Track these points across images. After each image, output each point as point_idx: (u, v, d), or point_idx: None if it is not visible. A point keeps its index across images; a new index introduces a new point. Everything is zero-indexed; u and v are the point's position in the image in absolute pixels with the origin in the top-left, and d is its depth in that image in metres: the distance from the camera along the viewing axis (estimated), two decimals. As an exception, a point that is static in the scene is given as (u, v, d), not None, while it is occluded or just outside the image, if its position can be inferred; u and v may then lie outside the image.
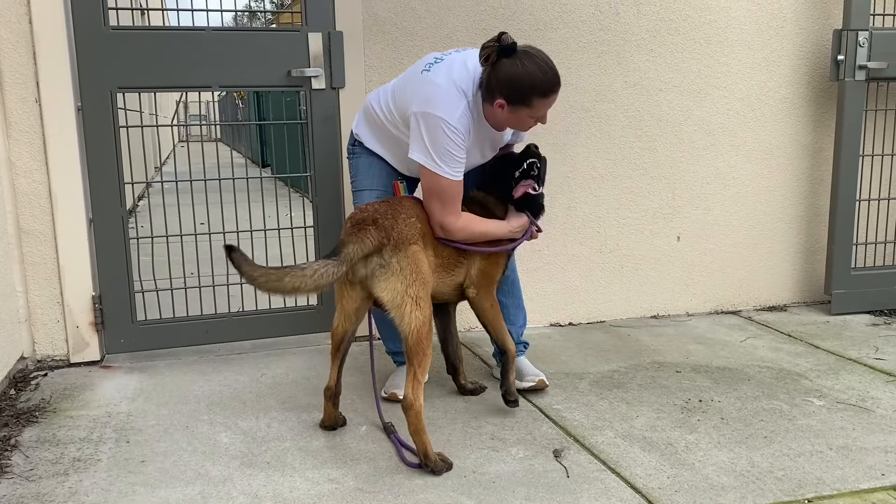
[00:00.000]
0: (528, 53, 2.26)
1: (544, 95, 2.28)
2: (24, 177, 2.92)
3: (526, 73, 2.24)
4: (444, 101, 2.30)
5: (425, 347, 2.16)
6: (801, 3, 3.71)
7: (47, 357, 3.05)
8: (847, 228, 3.72)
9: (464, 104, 2.31)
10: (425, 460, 2.13)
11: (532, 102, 2.28)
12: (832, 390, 2.78)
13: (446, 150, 2.30)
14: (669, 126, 3.63)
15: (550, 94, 2.29)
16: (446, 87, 2.32)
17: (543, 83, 2.26)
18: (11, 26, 2.82)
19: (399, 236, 2.17)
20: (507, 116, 2.33)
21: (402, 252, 2.16)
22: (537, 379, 2.74)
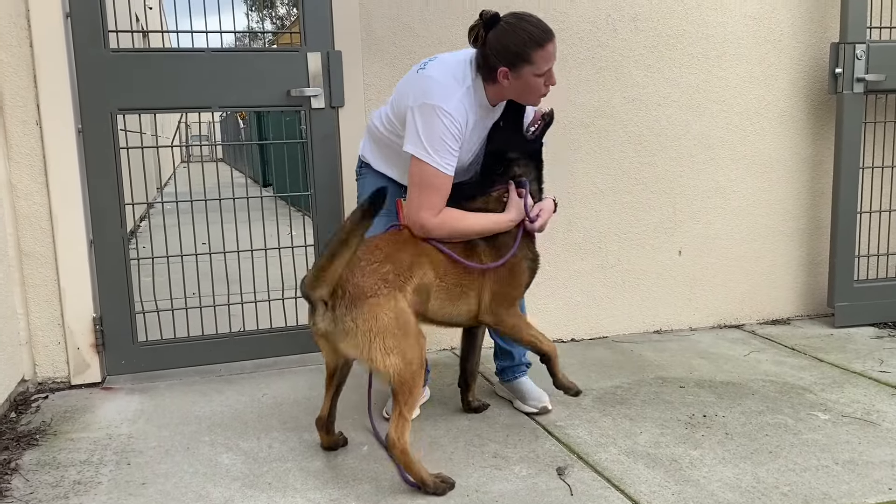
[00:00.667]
0: (512, 15, 2.30)
1: (541, 45, 2.25)
2: (24, 199, 2.93)
3: (516, 31, 2.26)
4: (440, 90, 2.30)
5: (411, 388, 2.08)
6: (798, 17, 3.72)
7: (48, 379, 3.05)
8: (849, 241, 3.71)
9: (461, 92, 2.31)
10: (424, 488, 2.09)
11: (532, 57, 2.26)
12: (837, 404, 2.76)
13: (440, 139, 2.27)
14: (669, 140, 3.64)
15: (547, 44, 2.27)
16: (442, 78, 2.33)
17: (537, 34, 2.25)
18: (12, 50, 2.84)
19: (354, 291, 2.06)
20: (515, 85, 2.31)
21: (357, 309, 2.05)
22: (540, 405, 2.70)
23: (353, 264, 2.09)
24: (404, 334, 2.10)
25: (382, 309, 2.08)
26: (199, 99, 3.09)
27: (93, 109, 2.96)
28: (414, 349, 2.11)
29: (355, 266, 2.10)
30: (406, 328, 2.12)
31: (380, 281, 2.11)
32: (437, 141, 2.27)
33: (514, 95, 2.37)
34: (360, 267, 2.11)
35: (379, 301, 2.08)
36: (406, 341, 2.10)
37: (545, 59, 2.28)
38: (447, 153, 2.29)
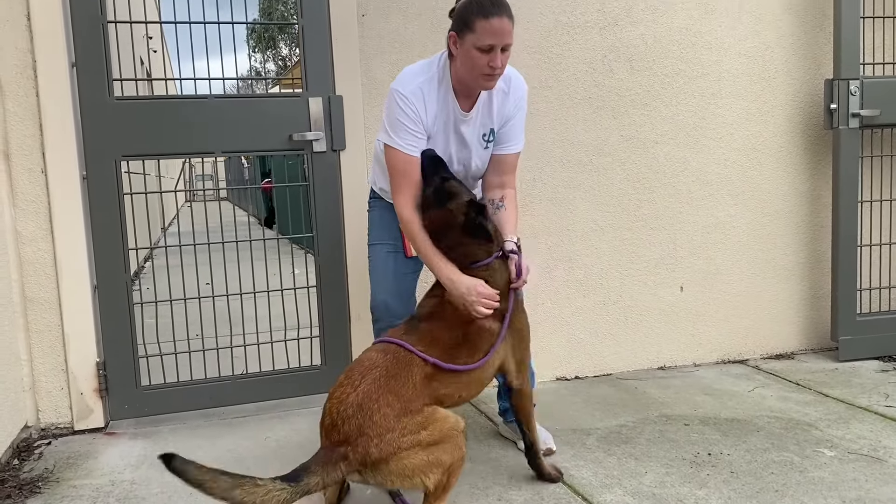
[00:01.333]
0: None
1: (485, 17, 2.23)
2: (29, 245, 2.95)
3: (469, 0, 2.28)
4: (402, 78, 2.42)
5: (446, 489, 2.06)
6: (792, 55, 3.78)
7: (51, 425, 3.04)
8: (850, 274, 3.72)
9: (421, 79, 2.39)
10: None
11: (474, 25, 2.24)
12: (843, 440, 2.74)
13: (398, 120, 2.36)
14: (667, 177, 3.67)
15: (492, 17, 2.23)
16: (409, 70, 2.45)
17: (485, 4, 2.24)
18: (19, 100, 2.89)
19: (375, 459, 1.95)
20: (461, 57, 2.31)
21: (385, 469, 1.96)
22: (545, 447, 2.67)
23: (361, 422, 1.98)
24: (435, 447, 2.03)
25: (412, 456, 1.99)
26: (202, 144, 3.13)
27: (97, 156, 3.00)
28: (454, 451, 2.06)
29: (363, 424, 1.98)
30: (432, 440, 2.03)
31: (396, 424, 1.99)
32: (396, 123, 2.37)
33: (463, 72, 2.36)
34: (368, 423, 1.98)
35: (405, 454, 1.98)
36: (440, 452, 2.03)
37: (488, 31, 2.23)
38: (407, 134, 2.36)
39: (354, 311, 3.32)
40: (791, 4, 3.75)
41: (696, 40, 3.65)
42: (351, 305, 3.32)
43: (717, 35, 3.68)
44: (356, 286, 3.32)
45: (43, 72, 2.88)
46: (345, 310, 3.31)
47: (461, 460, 2.08)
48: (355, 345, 3.33)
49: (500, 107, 2.49)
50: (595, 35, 3.51)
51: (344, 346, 3.32)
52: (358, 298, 3.32)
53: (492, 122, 2.51)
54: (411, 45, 3.29)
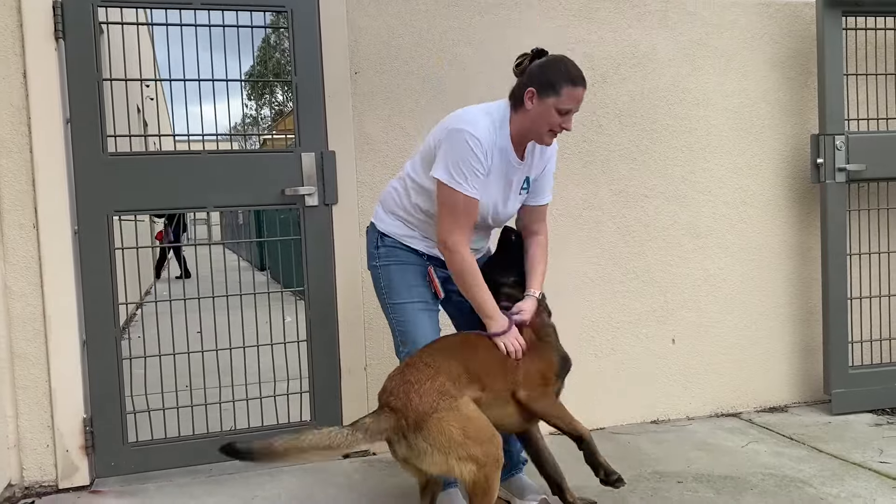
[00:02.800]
0: (557, 55, 2.44)
1: (573, 84, 2.36)
2: (19, 300, 2.94)
3: (557, 64, 2.40)
4: (469, 118, 2.43)
5: (485, 489, 2.15)
6: (778, 110, 3.84)
7: (35, 483, 2.99)
8: (841, 327, 3.73)
9: (490, 119, 2.43)
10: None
11: (560, 90, 2.35)
12: (838, 499, 2.72)
13: (468, 162, 2.36)
14: (657, 231, 3.70)
15: (578, 86, 2.37)
16: (473, 110, 2.48)
17: (574, 73, 2.37)
18: (13, 156, 2.91)
19: (416, 416, 2.13)
20: (535, 111, 2.38)
21: (425, 430, 2.12)
22: (539, 498, 2.67)
23: (407, 391, 2.16)
24: (476, 439, 2.15)
25: (448, 422, 2.13)
26: (195, 199, 3.15)
27: (89, 212, 3.01)
28: (488, 450, 2.16)
29: (409, 392, 2.16)
30: (477, 432, 2.17)
31: (437, 395, 2.16)
32: (466, 164, 2.36)
33: (529, 124, 2.43)
34: (413, 389, 2.16)
35: (441, 415, 2.13)
36: (479, 446, 2.15)
37: (572, 97, 2.38)
38: (474, 176, 2.38)
39: (345, 366, 3.30)
40: (776, 61, 3.83)
41: (684, 96, 3.72)
42: (342, 360, 3.30)
43: (705, 91, 3.74)
44: (347, 341, 3.31)
45: (37, 128, 2.91)
46: (335, 364, 3.30)
47: (494, 476, 2.17)
48: (345, 400, 3.30)
49: (538, 158, 2.60)
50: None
51: (334, 401, 3.30)
52: (349, 353, 3.30)
53: (532, 171, 2.60)
54: (403, 101, 3.34)
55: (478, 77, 3.43)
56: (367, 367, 3.33)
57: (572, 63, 2.41)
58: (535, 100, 2.39)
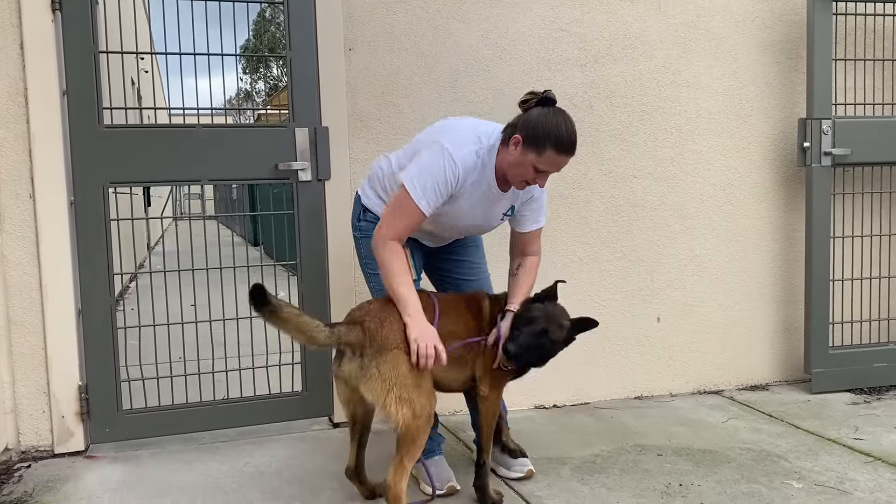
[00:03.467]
0: (563, 112, 2.39)
1: (557, 150, 2.33)
2: (15, 269, 2.99)
3: (553, 123, 2.34)
4: (458, 138, 2.44)
5: (414, 439, 2.26)
6: (767, 94, 3.89)
7: (31, 448, 3.06)
8: (823, 308, 3.81)
9: (474, 147, 2.43)
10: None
11: (544, 151, 2.33)
12: (811, 472, 2.81)
13: (435, 182, 2.38)
14: (645, 211, 3.76)
15: (563, 153, 2.35)
16: (467, 130, 2.48)
17: (562, 138, 2.33)
18: (10, 126, 2.94)
19: (381, 341, 2.28)
20: (516, 157, 2.37)
21: (381, 356, 2.26)
22: (525, 469, 2.77)
23: (383, 318, 2.33)
24: (418, 388, 2.29)
25: (405, 362, 2.29)
26: (189, 172, 3.19)
27: (85, 183, 3.05)
28: (425, 404, 2.29)
29: (384, 320, 2.33)
30: (420, 383, 2.31)
31: (401, 338, 2.31)
32: (431, 181, 2.39)
33: (507, 167, 2.43)
34: (388, 321, 2.33)
35: (401, 354, 2.29)
36: (419, 395, 2.28)
37: (551, 161, 2.35)
38: (436, 196, 2.41)
39: (336, 338, 3.36)
40: (767, 45, 3.88)
41: (675, 78, 3.76)
42: (333, 332, 3.36)
43: (695, 73, 3.79)
44: (338, 314, 3.35)
45: (34, 99, 2.94)
46: (327, 336, 3.36)
47: (424, 430, 2.29)
48: (336, 371, 3.36)
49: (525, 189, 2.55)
50: (576, 72, 3.61)
51: (325, 372, 3.36)
52: (340, 325, 3.36)
53: (516, 201, 2.61)
54: (397, 78, 3.38)
55: (471, 56, 3.46)
56: (357, 340, 3.39)
57: (570, 127, 2.35)
58: (519, 148, 2.37)
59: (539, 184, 2.45)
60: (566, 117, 2.37)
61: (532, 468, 2.77)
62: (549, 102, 2.38)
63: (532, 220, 2.67)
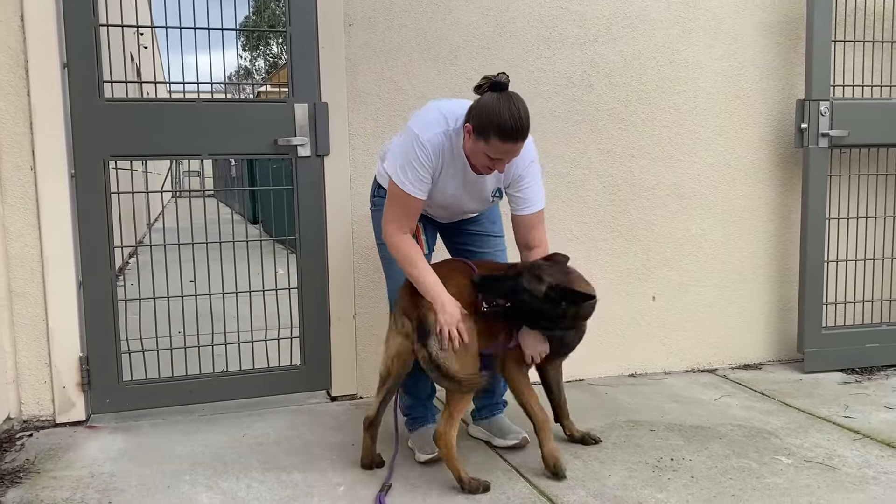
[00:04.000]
0: (511, 97, 2.34)
1: (501, 139, 2.31)
2: (16, 241, 3.02)
3: (496, 110, 2.32)
4: (424, 121, 2.49)
5: (464, 394, 2.45)
6: (765, 75, 3.90)
7: (33, 417, 3.10)
8: (817, 288, 3.84)
9: (441, 129, 2.47)
10: (460, 485, 2.45)
11: (489, 140, 2.33)
12: (801, 448, 2.86)
13: (411, 163, 2.46)
14: (642, 190, 3.78)
15: (507, 141, 2.32)
16: (433, 111, 2.51)
17: (504, 126, 2.30)
18: (10, 98, 2.95)
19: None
20: (471, 146, 2.41)
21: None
22: (521, 437, 2.83)
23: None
24: (468, 348, 2.45)
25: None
26: (189, 146, 3.21)
27: (86, 156, 3.07)
28: (473, 364, 2.48)
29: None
30: (472, 344, 2.47)
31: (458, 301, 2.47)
32: (409, 165, 2.47)
33: (468, 152, 2.47)
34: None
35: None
36: (469, 354, 2.45)
37: (497, 149, 2.35)
38: (416, 177, 2.47)
39: (335, 314, 3.40)
40: (766, 26, 3.88)
41: (674, 58, 3.77)
42: (332, 307, 3.40)
43: (695, 53, 3.80)
44: (337, 289, 3.40)
45: (35, 71, 2.95)
46: (325, 312, 3.40)
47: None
48: (335, 346, 3.41)
49: (507, 169, 2.55)
50: (576, 51, 3.62)
51: (323, 347, 3.41)
52: (338, 301, 3.40)
53: (499, 182, 2.62)
54: (397, 55, 3.38)
55: (471, 33, 3.47)
56: (355, 315, 3.43)
57: (516, 113, 2.31)
58: (471, 136, 2.39)
59: (498, 169, 2.45)
60: (514, 102, 2.33)
61: (527, 436, 2.82)
62: (499, 87, 2.36)
63: (525, 202, 2.64)
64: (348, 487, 2.51)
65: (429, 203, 2.63)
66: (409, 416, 2.87)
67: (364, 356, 3.45)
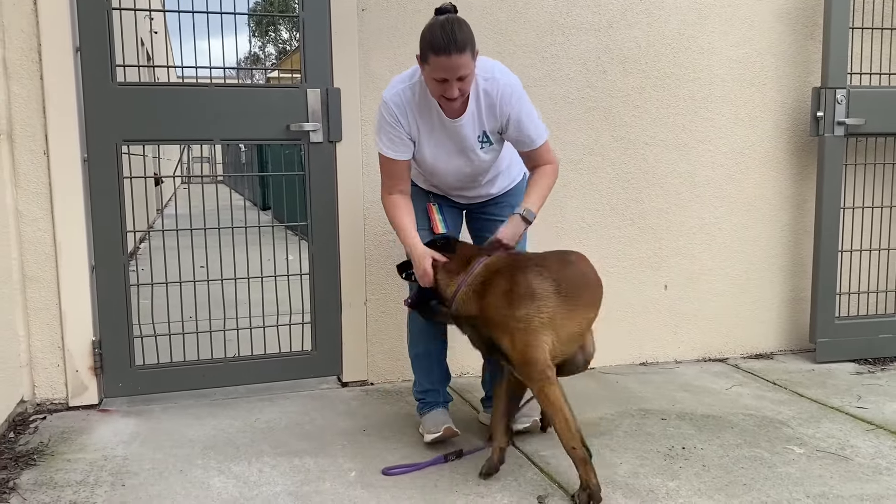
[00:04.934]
0: (448, 18, 2.32)
1: (436, 53, 2.30)
2: (30, 225, 3.03)
3: (429, 29, 2.34)
4: (393, 82, 2.56)
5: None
6: (782, 62, 3.86)
7: (46, 400, 3.12)
8: (830, 278, 3.82)
9: (405, 84, 2.52)
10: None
11: (428, 59, 2.33)
12: (813, 438, 2.84)
13: (381, 125, 2.56)
14: (655, 178, 3.75)
15: (441, 54, 2.29)
16: (399, 75, 2.57)
17: (435, 41, 2.29)
18: (23, 82, 2.95)
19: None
20: (424, 77, 2.43)
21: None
22: (531, 420, 2.83)
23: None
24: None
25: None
26: (201, 131, 3.20)
27: (98, 140, 3.07)
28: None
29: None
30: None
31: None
32: (380, 127, 2.57)
33: (427, 87, 2.47)
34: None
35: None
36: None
37: (438, 67, 2.32)
38: (388, 138, 2.55)
39: (346, 299, 3.40)
40: (783, 13, 3.83)
41: (689, 44, 3.73)
42: (343, 293, 3.40)
43: (710, 40, 3.76)
44: (348, 275, 3.40)
45: (47, 55, 2.95)
46: (336, 297, 3.40)
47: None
48: (346, 332, 3.41)
49: (488, 109, 2.53)
50: (590, 36, 3.59)
51: (334, 332, 3.41)
52: (349, 287, 3.40)
53: (483, 125, 2.56)
54: (409, 39, 3.36)
55: (485, 18, 3.44)
56: (367, 302, 3.43)
57: (446, 27, 2.28)
58: (422, 66, 2.40)
59: (448, 95, 2.37)
60: (448, 20, 2.31)
61: (537, 420, 2.83)
62: (440, 12, 2.37)
63: (526, 143, 2.58)
64: (360, 473, 2.52)
65: (427, 174, 2.69)
66: (421, 401, 2.88)
67: (375, 342, 3.46)
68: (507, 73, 2.55)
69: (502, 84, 2.51)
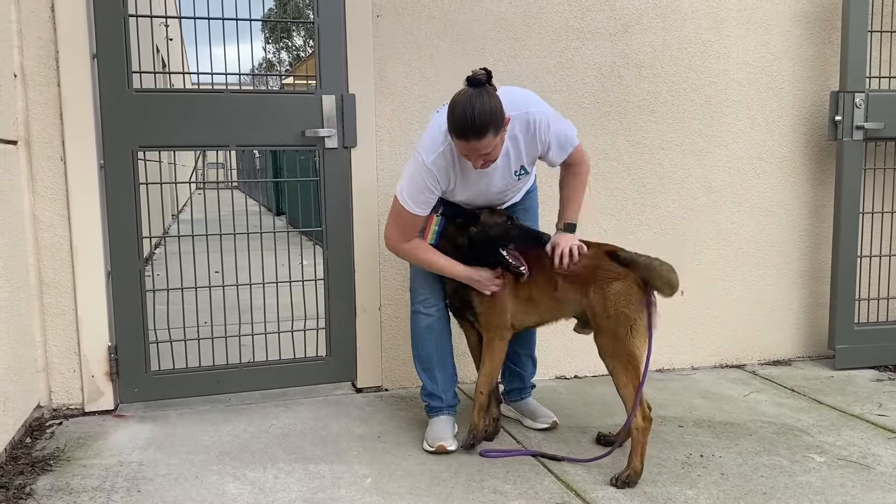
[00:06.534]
0: (477, 95, 2.30)
1: (456, 136, 2.35)
2: (47, 231, 3.04)
3: (453, 106, 2.35)
4: (428, 142, 2.52)
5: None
6: (799, 66, 3.83)
7: (63, 406, 3.13)
8: (849, 284, 3.77)
9: (441, 149, 2.49)
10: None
11: (453, 139, 2.39)
12: (833, 447, 2.80)
13: (416, 186, 2.54)
14: (672, 183, 3.73)
15: (461, 138, 2.34)
16: (435, 129, 2.52)
17: (456, 124, 2.33)
18: (41, 89, 2.97)
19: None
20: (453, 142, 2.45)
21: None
22: (551, 421, 2.92)
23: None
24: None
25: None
26: (216, 137, 3.21)
27: (115, 146, 3.09)
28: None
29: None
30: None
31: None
32: (414, 187, 2.54)
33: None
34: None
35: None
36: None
37: (462, 147, 2.39)
38: (418, 201, 2.55)
39: (360, 305, 3.40)
40: (800, 17, 3.80)
41: (705, 49, 3.71)
42: (357, 299, 3.39)
43: (726, 45, 3.73)
44: (362, 280, 3.39)
45: (65, 63, 2.96)
46: (351, 303, 3.39)
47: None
48: (360, 338, 3.40)
49: (528, 145, 2.57)
50: (605, 41, 3.57)
51: (349, 338, 3.40)
52: (364, 292, 3.40)
53: (521, 160, 2.61)
54: (424, 46, 3.36)
55: (500, 24, 3.43)
56: (381, 307, 3.43)
57: (472, 110, 2.28)
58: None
59: (477, 167, 2.45)
60: (471, 99, 2.29)
61: (556, 420, 2.93)
62: (472, 83, 2.34)
63: (564, 151, 2.64)
64: (375, 479, 2.51)
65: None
66: (426, 406, 2.90)
67: (389, 348, 3.45)
68: (537, 103, 2.58)
69: (538, 116, 2.54)
